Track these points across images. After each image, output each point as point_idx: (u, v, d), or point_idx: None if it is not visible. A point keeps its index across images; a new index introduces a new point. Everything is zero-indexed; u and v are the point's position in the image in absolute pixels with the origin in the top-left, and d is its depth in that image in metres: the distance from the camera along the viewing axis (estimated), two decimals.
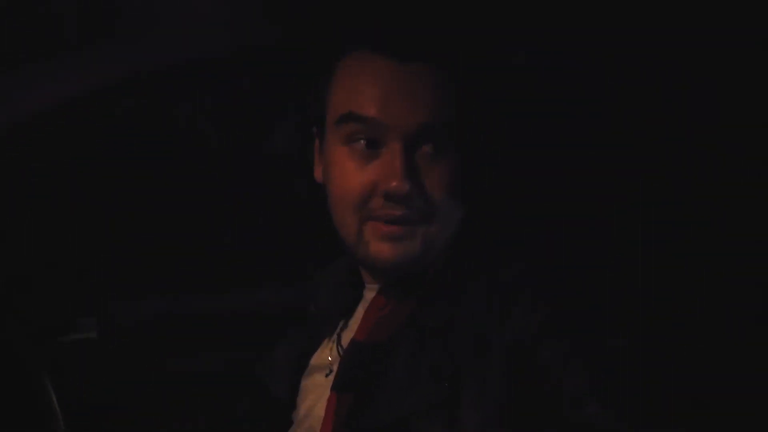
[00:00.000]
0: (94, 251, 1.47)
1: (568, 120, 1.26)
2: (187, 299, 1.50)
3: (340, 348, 1.13)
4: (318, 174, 1.14)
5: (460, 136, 1.05)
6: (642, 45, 1.22)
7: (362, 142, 1.04)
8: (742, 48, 1.18)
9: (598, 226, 1.23)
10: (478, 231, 1.08)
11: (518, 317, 0.98)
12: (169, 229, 1.50)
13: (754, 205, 1.18)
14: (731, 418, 1.07)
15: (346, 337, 1.12)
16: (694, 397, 1.02)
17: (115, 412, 1.40)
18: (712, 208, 1.21)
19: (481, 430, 0.95)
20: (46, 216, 1.41)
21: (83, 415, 1.32)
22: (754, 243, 1.18)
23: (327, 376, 1.12)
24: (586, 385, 0.94)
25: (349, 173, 1.05)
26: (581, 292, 1.02)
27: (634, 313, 1.06)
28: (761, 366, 1.12)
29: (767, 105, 1.18)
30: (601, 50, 1.24)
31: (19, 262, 1.39)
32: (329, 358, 1.13)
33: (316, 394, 1.12)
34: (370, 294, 1.12)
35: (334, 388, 1.07)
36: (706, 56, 1.19)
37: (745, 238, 1.19)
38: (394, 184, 1.01)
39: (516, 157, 1.27)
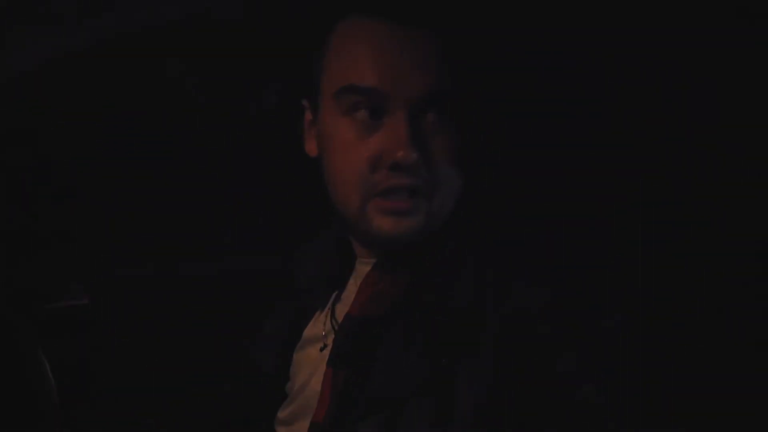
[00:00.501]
0: (84, 218, 1.46)
1: (567, 120, 1.25)
2: (178, 265, 1.49)
3: (334, 321, 1.10)
4: (310, 148, 1.10)
5: (462, 104, 1.02)
6: (642, 45, 1.22)
7: (364, 111, 1.00)
8: (742, 48, 1.17)
9: (597, 226, 1.23)
10: (475, 209, 1.07)
11: (516, 296, 0.97)
12: (159, 195, 1.49)
13: (754, 205, 1.18)
14: (731, 418, 1.07)
15: (340, 310, 1.10)
16: (692, 395, 1.02)
17: (106, 380, 1.40)
18: (712, 208, 1.20)
19: (476, 407, 0.94)
20: (36, 184, 1.41)
21: (75, 382, 1.32)
22: (754, 243, 1.18)
23: (322, 350, 1.10)
24: (581, 366, 0.93)
25: (351, 146, 1.01)
26: (580, 276, 1.02)
27: (632, 298, 1.06)
28: (761, 366, 1.12)
29: (767, 105, 1.18)
30: (601, 50, 1.24)
31: (9, 230, 1.38)
32: (323, 332, 1.12)
33: (310, 368, 1.11)
34: (362, 267, 1.09)
35: (330, 363, 1.05)
36: (706, 56, 1.19)
37: (745, 238, 1.19)
38: (400, 154, 0.98)
39: (516, 156, 1.27)
